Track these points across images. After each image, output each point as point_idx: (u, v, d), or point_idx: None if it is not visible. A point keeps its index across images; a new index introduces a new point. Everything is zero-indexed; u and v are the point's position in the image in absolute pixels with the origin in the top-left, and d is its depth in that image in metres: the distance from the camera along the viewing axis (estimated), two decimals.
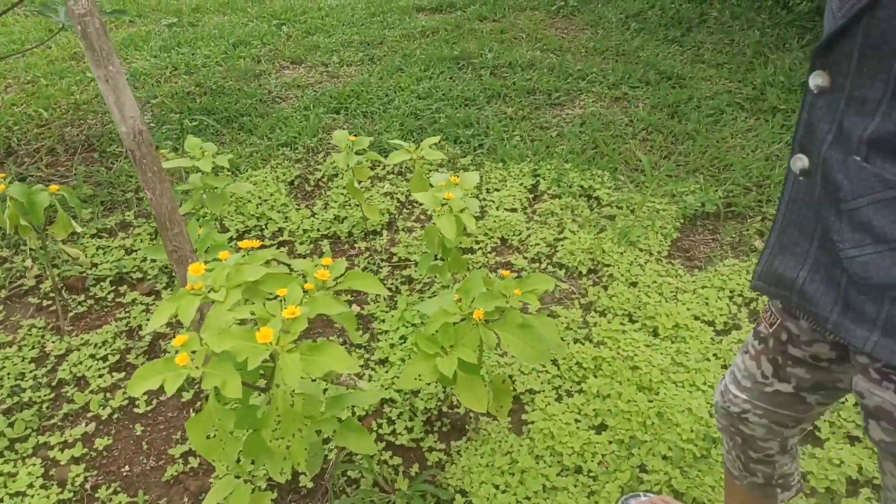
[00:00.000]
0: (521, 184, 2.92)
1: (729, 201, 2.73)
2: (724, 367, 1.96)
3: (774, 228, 0.98)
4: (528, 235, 2.61)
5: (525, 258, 2.50)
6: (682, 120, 3.40)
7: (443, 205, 1.95)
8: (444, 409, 1.88)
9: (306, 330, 2.23)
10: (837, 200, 0.84)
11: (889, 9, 0.73)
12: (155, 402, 1.98)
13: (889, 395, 0.88)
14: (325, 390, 1.83)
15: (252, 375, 1.32)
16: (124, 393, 1.98)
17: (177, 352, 1.16)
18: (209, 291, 1.28)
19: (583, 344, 2.07)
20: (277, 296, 1.26)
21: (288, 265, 2.07)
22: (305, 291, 1.31)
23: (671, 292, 2.25)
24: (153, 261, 2.51)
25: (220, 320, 1.22)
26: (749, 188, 2.82)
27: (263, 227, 2.69)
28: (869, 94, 0.78)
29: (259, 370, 1.31)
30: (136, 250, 2.59)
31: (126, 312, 2.31)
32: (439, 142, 3.29)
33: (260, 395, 1.37)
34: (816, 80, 0.83)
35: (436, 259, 2.14)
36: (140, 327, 2.23)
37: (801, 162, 0.89)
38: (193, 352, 1.16)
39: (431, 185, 2.05)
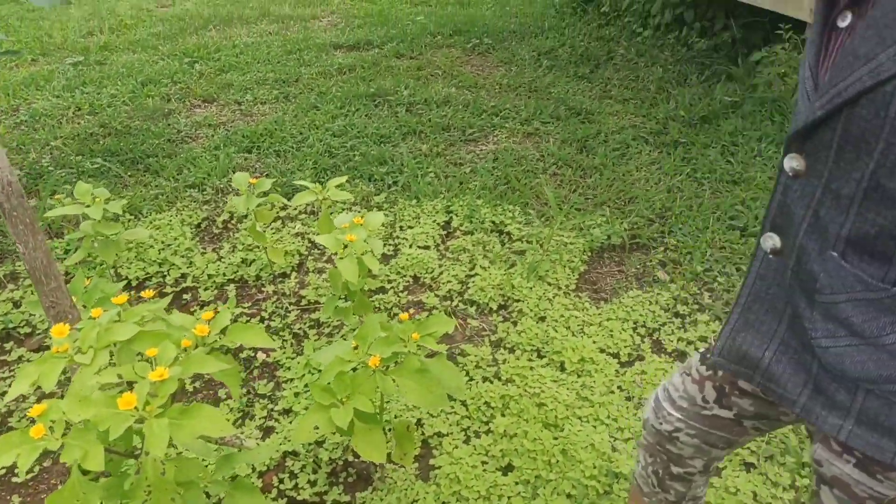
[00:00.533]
0: (435, 220, 2.93)
1: (634, 233, 2.82)
2: (628, 398, 1.99)
3: (738, 304, 0.95)
4: (441, 273, 2.61)
5: (437, 296, 2.49)
6: (590, 154, 3.51)
7: (345, 247, 1.92)
8: (350, 458, 1.83)
9: (209, 381, 2.13)
10: (812, 290, 0.82)
11: (869, 107, 0.71)
12: (38, 468, 1.84)
13: (849, 468, 0.87)
14: (221, 448, 1.75)
15: (124, 441, 1.24)
16: None
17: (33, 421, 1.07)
18: (77, 353, 1.20)
19: (492, 382, 2.06)
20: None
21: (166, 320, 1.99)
22: (185, 349, 1.25)
23: (578, 326, 2.29)
24: (43, 314, 2.36)
25: (85, 385, 1.14)
26: (652, 220, 2.91)
27: (166, 273, 2.59)
28: (844, 189, 0.76)
29: (132, 435, 1.24)
30: (24, 303, 2.43)
31: (10, 371, 2.16)
32: (352, 180, 3.28)
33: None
34: (791, 163, 0.81)
35: (343, 301, 2.10)
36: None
37: (771, 241, 0.87)
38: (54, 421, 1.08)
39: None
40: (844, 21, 0.75)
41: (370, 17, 5.98)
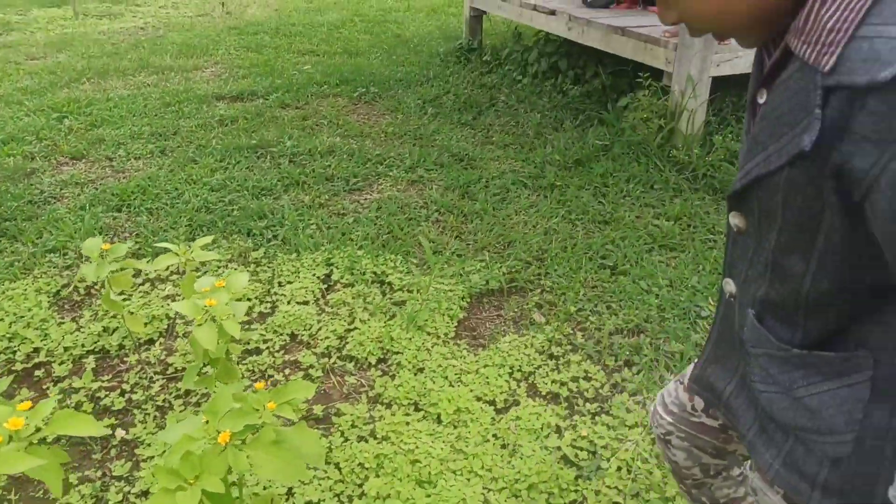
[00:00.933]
0: (315, 274, 2.88)
1: (512, 276, 2.87)
2: (503, 446, 2.00)
3: (710, 338, 1.02)
4: (319, 329, 2.55)
5: (314, 354, 2.43)
6: (471, 200, 3.58)
7: (205, 312, 1.85)
8: None
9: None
10: (744, 341, 0.89)
11: (766, 191, 0.74)
12: None
13: (777, 499, 0.92)
14: None
15: None
16: None
17: None
18: None
19: (367, 441, 2.01)
20: None
21: None
22: None
23: (455, 375, 2.29)
24: None
25: None
26: (530, 262, 2.99)
27: (16, 348, 2.39)
28: (761, 256, 0.81)
29: None
30: None
31: None
32: (230, 236, 3.18)
33: None
34: (734, 219, 0.85)
35: (207, 368, 2.00)
36: None
37: (729, 286, 0.92)
38: None
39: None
40: (762, 98, 0.78)
41: (255, 66, 5.93)
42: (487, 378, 2.26)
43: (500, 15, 5.71)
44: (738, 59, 3.70)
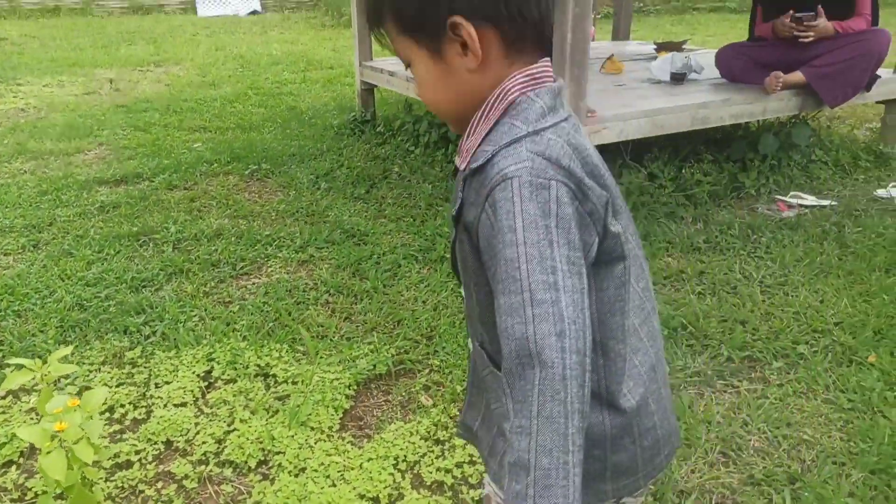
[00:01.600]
0: (194, 372, 2.77)
1: (400, 358, 2.87)
2: None
3: (467, 388, 1.19)
4: (197, 433, 2.44)
5: (190, 462, 2.31)
6: (362, 278, 3.57)
7: (54, 437, 1.73)
8: None
9: None
10: (478, 368, 1.09)
11: (456, 245, 1.00)
12: None
13: None
14: None
15: None
16: None
17: None
18: None
19: None
20: None
21: None
22: None
23: (338, 472, 2.23)
24: None
25: None
26: (418, 341, 2.99)
27: None
28: (470, 299, 1.04)
29: None
30: None
31: None
32: (104, 335, 3.02)
33: None
34: (462, 277, 1.06)
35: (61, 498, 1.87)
36: None
37: (471, 336, 1.12)
38: None
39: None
40: None
41: (142, 147, 5.78)
42: (371, 473, 2.22)
43: (389, 89, 5.86)
44: (606, 131, 3.94)
